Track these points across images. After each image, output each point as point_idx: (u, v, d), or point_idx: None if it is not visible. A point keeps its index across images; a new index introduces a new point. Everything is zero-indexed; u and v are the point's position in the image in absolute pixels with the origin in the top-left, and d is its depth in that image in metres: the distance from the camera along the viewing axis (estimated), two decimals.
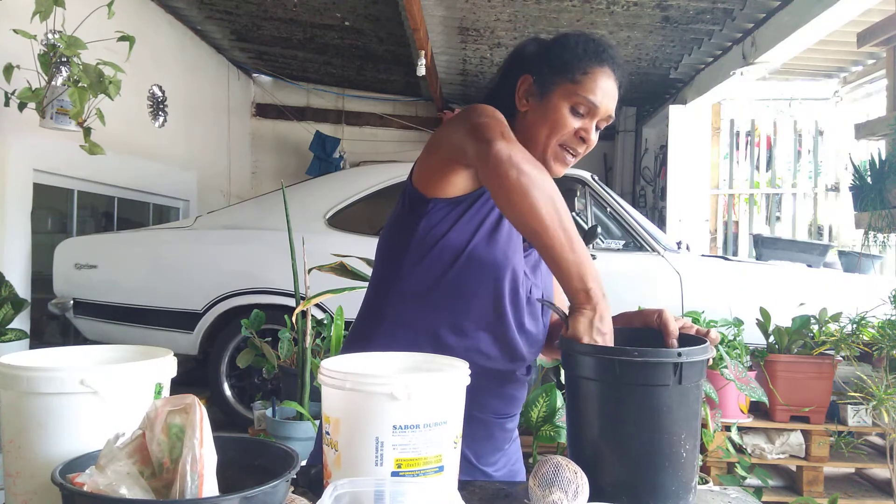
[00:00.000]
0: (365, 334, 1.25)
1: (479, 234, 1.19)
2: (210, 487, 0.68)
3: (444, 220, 1.20)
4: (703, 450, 2.64)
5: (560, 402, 2.54)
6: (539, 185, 1.02)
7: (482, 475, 1.23)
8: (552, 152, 1.23)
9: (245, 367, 3.51)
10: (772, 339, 3.02)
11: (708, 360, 1.01)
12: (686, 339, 1.08)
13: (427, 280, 1.20)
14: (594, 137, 1.24)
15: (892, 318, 2.85)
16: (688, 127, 6.22)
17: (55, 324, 4.65)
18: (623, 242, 3.95)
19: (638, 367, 0.95)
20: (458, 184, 1.20)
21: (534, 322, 1.27)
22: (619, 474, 0.97)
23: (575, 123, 1.21)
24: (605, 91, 1.21)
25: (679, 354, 0.96)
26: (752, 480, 2.76)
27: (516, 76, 1.27)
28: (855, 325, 2.91)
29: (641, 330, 1.13)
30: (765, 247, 4.67)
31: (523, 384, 1.30)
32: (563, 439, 2.52)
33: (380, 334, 1.22)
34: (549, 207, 1.01)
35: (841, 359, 2.95)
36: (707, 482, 2.61)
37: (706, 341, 1.03)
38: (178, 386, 0.80)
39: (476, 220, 1.20)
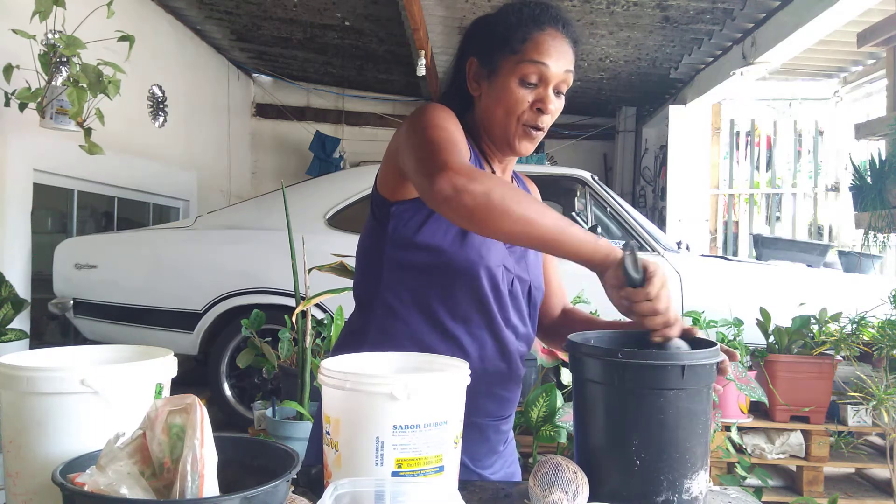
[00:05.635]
0: (354, 342, 1.21)
1: (450, 234, 1.16)
2: (211, 487, 0.68)
3: (412, 221, 1.17)
4: None
5: (560, 402, 2.54)
6: (496, 193, 0.96)
7: (478, 478, 1.21)
8: (514, 132, 1.18)
9: (245, 367, 3.51)
10: (772, 339, 3.02)
11: (718, 363, 0.99)
12: (696, 343, 1.05)
13: (407, 284, 1.18)
14: (554, 106, 1.17)
15: (892, 318, 2.84)
16: (688, 127, 6.22)
17: (55, 324, 4.65)
18: (623, 242, 3.94)
19: (645, 370, 0.95)
20: None
21: (520, 316, 1.25)
22: (625, 476, 0.97)
23: (528, 97, 1.15)
24: (550, 52, 1.14)
25: (684, 357, 0.95)
26: (752, 480, 2.76)
27: (464, 61, 1.23)
28: (855, 325, 2.91)
29: (632, 334, 1.12)
30: (765, 247, 4.67)
31: (517, 384, 1.27)
32: (563, 439, 2.52)
33: (367, 343, 1.18)
34: (520, 208, 0.97)
35: (841, 359, 2.95)
36: (707, 482, 2.60)
37: (715, 344, 1.02)
38: (178, 386, 0.80)
39: (444, 219, 1.15)
